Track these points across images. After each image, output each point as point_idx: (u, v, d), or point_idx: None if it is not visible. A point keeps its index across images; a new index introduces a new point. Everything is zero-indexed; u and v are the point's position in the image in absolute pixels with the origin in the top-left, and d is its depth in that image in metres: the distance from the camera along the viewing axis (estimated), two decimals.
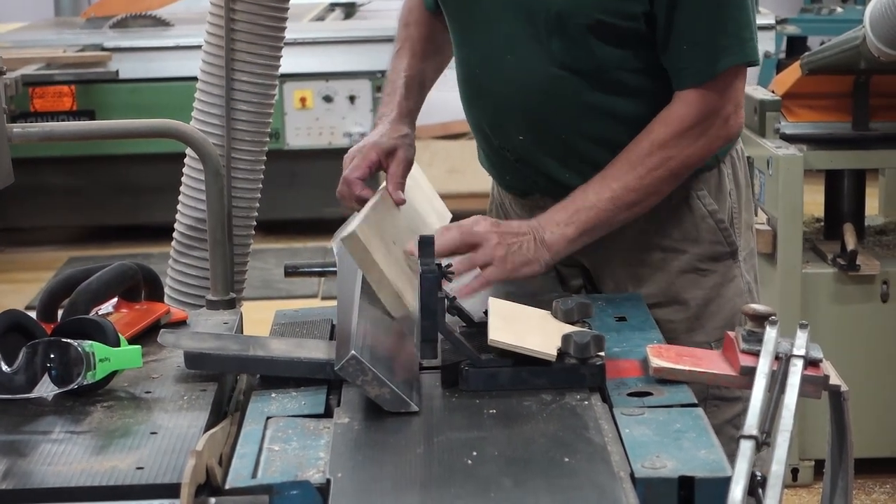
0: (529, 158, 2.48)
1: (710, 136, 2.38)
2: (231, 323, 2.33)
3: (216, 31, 2.73)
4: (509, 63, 2.41)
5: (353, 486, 1.64)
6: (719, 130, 2.38)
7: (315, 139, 7.25)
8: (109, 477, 1.69)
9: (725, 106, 2.38)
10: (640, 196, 2.36)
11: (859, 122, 4.43)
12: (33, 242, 7.72)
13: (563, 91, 2.39)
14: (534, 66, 2.39)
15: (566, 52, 2.36)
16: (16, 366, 1.93)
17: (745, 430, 1.69)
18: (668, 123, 2.36)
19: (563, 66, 2.38)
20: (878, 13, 4.00)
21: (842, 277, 4.27)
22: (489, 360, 1.95)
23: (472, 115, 2.56)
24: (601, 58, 2.36)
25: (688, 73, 2.36)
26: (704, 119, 2.36)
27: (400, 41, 2.63)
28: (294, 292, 6.57)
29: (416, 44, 2.61)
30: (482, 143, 2.59)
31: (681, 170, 2.38)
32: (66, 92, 7.07)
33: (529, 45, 2.38)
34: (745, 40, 2.35)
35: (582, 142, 2.43)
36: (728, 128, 2.40)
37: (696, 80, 2.35)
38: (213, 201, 2.50)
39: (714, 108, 2.36)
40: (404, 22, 2.65)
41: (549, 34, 2.36)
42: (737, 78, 2.38)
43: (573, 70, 2.38)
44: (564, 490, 1.61)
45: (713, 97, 2.36)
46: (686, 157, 2.37)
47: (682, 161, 2.37)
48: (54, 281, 2.25)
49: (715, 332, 2.47)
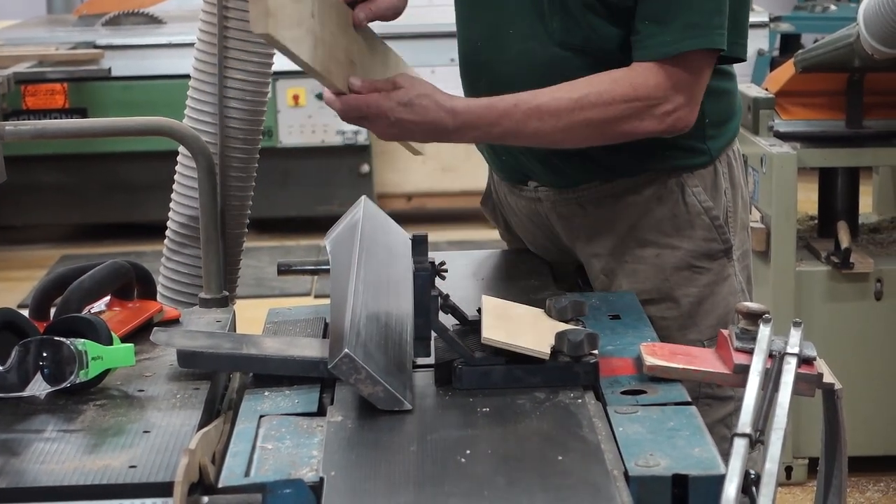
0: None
1: (645, 116, 2.29)
2: (224, 321, 2.33)
3: (209, 29, 2.72)
4: (511, 40, 2.40)
5: (346, 484, 1.64)
6: (659, 121, 2.30)
7: (308, 137, 7.25)
8: (102, 475, 1.69)
9: (674, 95, 2.30)
10: (556, 125, 2.27)
11: (853, 120, 4.43)
12: (26, 240, 7.71)
13: (562, 70, 2.36)
14: (535, 44, 2.38)
15: (566, 31, 2.35)
16: (8, 364, 1.92)
17: (739, 428, 1.69)
18: (616, 82, 2.28)
19: (562, 44, 2.37)
20: (872, 11, 4.00)
21: (835, 275, 4.27)
22: (482, 358, 1.95)
23: (470, 95, 2.54)
24: (599, 36, 2.34)
25: (647, 46, 2.29)
26: (650, 97, 2.29)
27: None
28: (287, 290, 6.57)
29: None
30: None
31: (601, 129, 2.29)
32: (58, 90, 7.07)
33: (532, 23, 2.37)
34: (715, 26, 2.28)
35: None
36: (670, 120, 2.31)
37: (656, 53, 2.28)
38: (205, 199, 2.50)
39: (664, 89, 2.28)
40: None
41: (552, 12, 2.35)
42: (700, 67, 2.31)
43: (572, 49, 2.36)
44: (558, 488, 1.61)
45: (666, 77, 2.28)
46: (614, 127, 2.29)
47: (608, 126, 2.29)
48: (47, 279, 2.25)
49: (708, 331, 2.47)
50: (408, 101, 2.23)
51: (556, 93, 2.29)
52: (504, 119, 2.28)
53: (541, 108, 2.28)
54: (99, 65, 7.11)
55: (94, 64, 7.11)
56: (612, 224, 2.50)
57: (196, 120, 2.74)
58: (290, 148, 7.27)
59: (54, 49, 7.21)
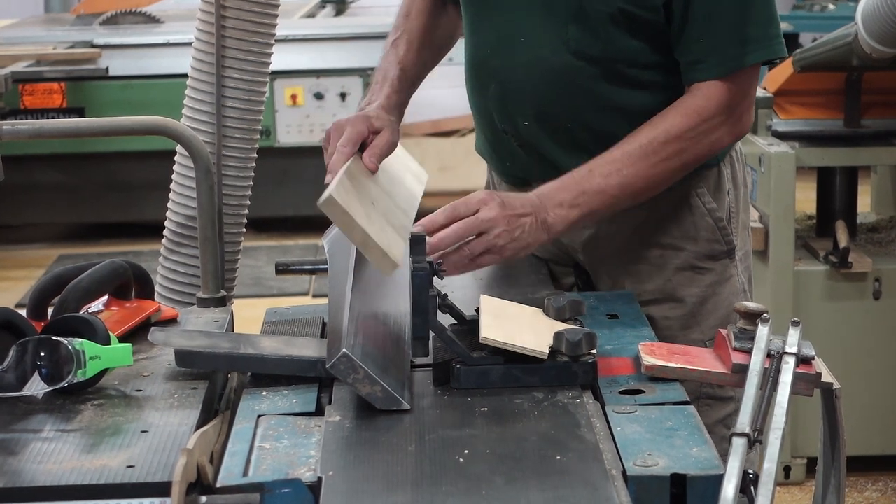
0: (533, 144, 2.46)
1: (723, 131, 2.34)
2: (222, 321, 2.32)
3: (207, 28, 2.72)
4: (523, 48, 2.39)
5: (344, 484, 1.63)
6: (733, 127, 2.36)
7: (306, 136, 7.24)
8: (100, 475, 1.68)
9: (742, 102, 2.35)
10: (649, 185, 2.33)
11: (851, 120, 4.44)
12: (23, 240, 7.71)
13: (575, 79, 2.37)
14: (547, 52, 2.38)
15: (582, 41, 2.35)
16: (6, 364, 1.92)
17: (738, 428, 1.69)
18: (687, 115, 2.32)
19: (577, 53, 2.36)
20: (871, 10, 4.00)
21: (834, 275, 4.27)
22: (481, 357, 1.95)
23: (477, 99, 2.53)
24: (617, 48, 2.34)
25: (709, 65, 2.32)
26: (721, 113, 2.33)
27: (398, 30, 2.57)
28: (285, 290, 6.56)
29: (414, 35, 2.56)
30: (485, 127, 2.56)
31: (691, 162, 2.35)
32: (55, 89, 7.06)
33: (545, 31, 2.37)
34: (772, 36, 2.32)
35: (587, 132, 2.42)
36: (741, 125, 2.37)
37: (718, 72, 2.31)
38: (203, 199, 2.50)
39: (732, 102, 2.33)
40: (405, 12, 2.60)
41: (568, 21, 2.35)
42: (756, 73, 2.36)
43: (587, 58, 2.36)
44: (556, 488, 1.60)
45: (733, 92, 2.32)
46: (699, 151, 2.34)
47: (695, 154, 2.34)
48: (44, 278, 2.24)
49: (710, 331, 2.46)
50: (504, 243, 2.21)
51: (634, 158, 2.30)
52: (593, 216, 2.32)
53: (625, 185, 2.29)
54: (96, 64, 7.11)
55: (91, 63, 7.10)
56: (615, 225, 2.49)
57: (194, 119, 2.74)
58: (288, 147, 7.26)
59: (52, 48, 7.21)
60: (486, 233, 2.19)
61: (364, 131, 2.29)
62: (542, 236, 2.25)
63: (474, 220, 2.19)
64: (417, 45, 2.55)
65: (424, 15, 2.58)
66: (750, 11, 2.30)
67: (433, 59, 2.61)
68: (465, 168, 7.33)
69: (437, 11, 2.60)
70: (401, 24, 2.58)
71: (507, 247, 2.21)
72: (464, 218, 2.19)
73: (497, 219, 2.19)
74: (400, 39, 2.55)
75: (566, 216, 2.27)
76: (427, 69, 2.59)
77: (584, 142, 2.42)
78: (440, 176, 7.67)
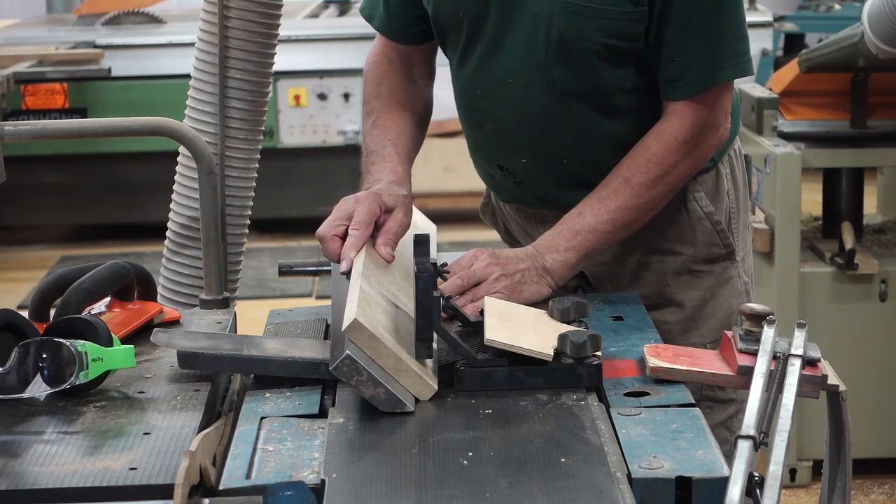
0: (531, 180, 2.49)
1: (703, 147, 2.37)
2: (225, 322, 2.32)
3: (209, 29, 2.72)
4: (510, 88, 2.39)
5: (347, 486, 1.63)
6: (711, 140, 2.38)
7: (309, 137, 7.24)
8: (102, 478, 1.68)
9: (718, 116, 2.37)
10: (639, 214, 2.35)
11: (857, 120, 4.43)
12: (25, 241, 7.71)
13: (565, 115, 2.39)
14: (534, 92, 2.38)
15: (567, 78, 2.36)
16: (8, 366, 1.92)
17: (743, 430, 1.68)
18: (664, 139, 2.35)
19: (564, 91, 2.37)
20: (877, 10, 4.00)
21: (840, 276, 4.26)
22: (485, 359, 1.94)
23: (472, 138, 2.54)
24: (604, 80, 2.37)
25: (682, 85, 2.34)
26: (699, 132, 2.36)
27: (374, 111, 2.48)
28: (288, 291, 6.57)
29: (395, 113, 2.48)
30: (482, 162, 2.57)
31: (677, 183, 2.38)
32: (58, 90, 7.06)
33: (531, 73, 2.37)
34: (741, 54, 2.35)
35: (581, 165, 2.44)
36: (719, 136, 2.40)
37: (690, 91, 2.34)
38: (206, 200, 2.49)
39: (707, 120, 2.36)
40: (375, 93, 2.51)
41: (550, 61, 2.35)
42: (728, 89, 2.39)
43: (575, 95, 2.38)
44: (561, 491, 1.60)
45: (706, 109, 2.35)
46: (682, 171, 2.37)
47: (679, 175, 2.37)
48: (46, 280, 2.24)
49: (710, 334, 2.47)
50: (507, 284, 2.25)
51: (618, 191, 2.33)
52: (592, 255, 2.36)
53: (614, 220, 2.33)
54: (99, 64, 7.11)
55: (93, 64, 7.10)
56: None
57: (196, 120, 2.73)
58: (291, 148, 7.26)
59: (54, 49, 7.21)
60: (484, 280, 2.23)
61: (376, 210, 2.17)
62: (546, 282, 2.29)
63: (469, 271, 2.23)
64: (403, 123, 2.47)
65: (398, 91, 2.52)
66: (722, 31, 2.33)
67: (420, 133, 2.53)
68: (468, 169, 7.30)
69: (408, 86, 2.54)
70: (375, 104, 2.50)
71: (514, 288, 2.25)
72: (457, 274, 2.23)
73: (491, 265, 2.24)
74: (381, 120, 2.46)
75: (564, 260, 2.31)
76: (417, 144, 2.52)
77: (579, 174, 2.44)
78: (444, 177, 7.66)
